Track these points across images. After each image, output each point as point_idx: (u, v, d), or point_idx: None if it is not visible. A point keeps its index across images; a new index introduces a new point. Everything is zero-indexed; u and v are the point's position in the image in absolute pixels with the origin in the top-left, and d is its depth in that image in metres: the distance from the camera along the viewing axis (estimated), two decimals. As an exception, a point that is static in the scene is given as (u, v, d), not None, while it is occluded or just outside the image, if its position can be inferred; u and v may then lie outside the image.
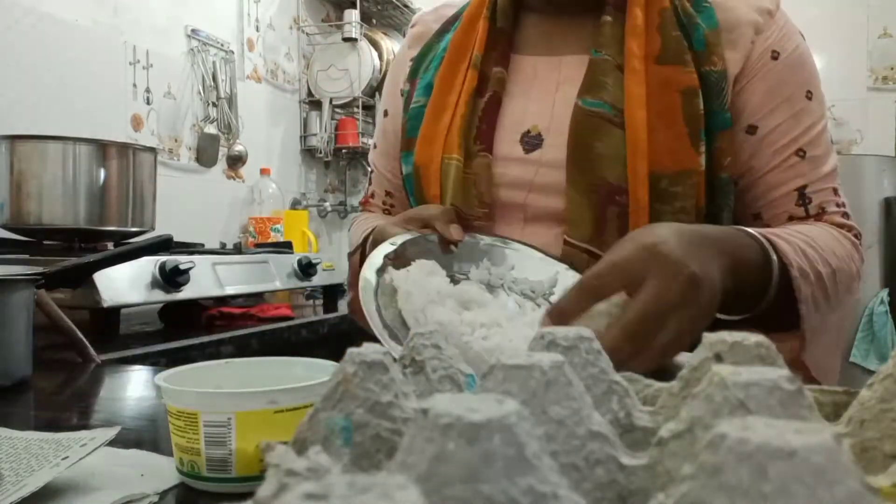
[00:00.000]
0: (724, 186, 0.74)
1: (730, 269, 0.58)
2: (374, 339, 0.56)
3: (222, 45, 2.22)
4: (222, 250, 1.74)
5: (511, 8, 0.83)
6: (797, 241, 0.67)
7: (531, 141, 0.77)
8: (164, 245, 1.04)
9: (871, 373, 0.32)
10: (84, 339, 0.88)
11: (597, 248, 0.71)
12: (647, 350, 0.50)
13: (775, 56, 0.75)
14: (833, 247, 0.70)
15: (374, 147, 0.99)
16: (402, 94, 0.91)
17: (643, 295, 0.50)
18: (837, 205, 0.77)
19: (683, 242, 0.53)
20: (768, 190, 0.76)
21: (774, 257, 0.64)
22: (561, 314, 0.53)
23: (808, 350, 0.68)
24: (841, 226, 0.76)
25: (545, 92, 0.79)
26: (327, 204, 2.78)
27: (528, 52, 0.83)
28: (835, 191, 0.77)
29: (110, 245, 1.40)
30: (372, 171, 1.01)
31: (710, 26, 0.73)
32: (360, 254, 0.81)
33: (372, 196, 1.00)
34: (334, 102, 2.67)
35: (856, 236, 0.76)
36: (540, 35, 0.83)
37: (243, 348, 1.22)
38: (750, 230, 0.65)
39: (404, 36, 3.02)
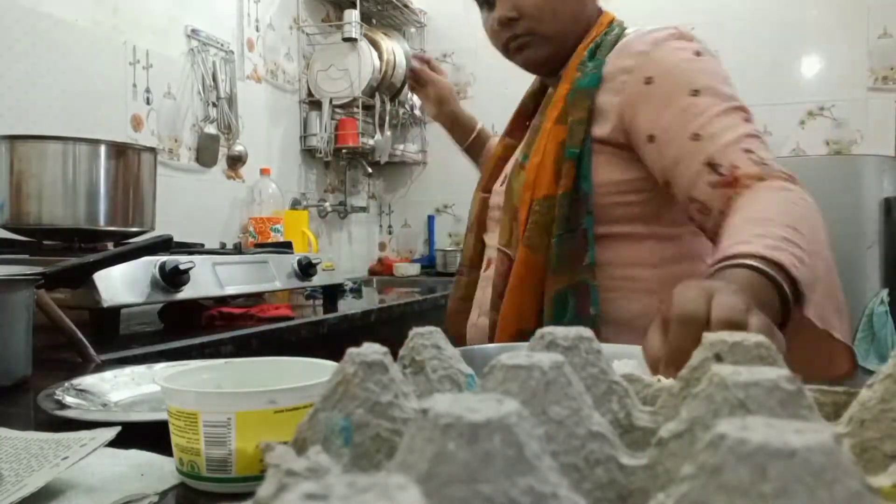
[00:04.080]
0: (584, 197, 0.95)
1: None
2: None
3: (222, 45, 2.22)
4: (222, 250, 1.73)
5: (539, 87, 1.17)
6: (750, 231, 0.70)
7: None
8: (164, 245, 1.04)
9: (871, 373, 0.32)
10: (84, 339, 0.88)
11: (506, 249, 1.01)
12: None
13: (649, 81, 0.90)
14: (778, 206, 0.75)
15: None
16: None
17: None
18: (751, 158, 0.82)
19: (731, 287, 0.58)
20: (683, 176, 0.86)
21: (778, 276, 0.65)
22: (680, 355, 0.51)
23: (811, 305, 0.69)
24: (762, 177, 0.80)
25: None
26: (327, 204, 2.78)
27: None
28: (745, 150, 0.83)
29: (110, 245, 1.40)
30: None
31: (586, 86, 0.96)
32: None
33: None
34: (334, 102, 2.67)
35: (788, 178, 0.80)
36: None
37: (243, 348, 1.22)
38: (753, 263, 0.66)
39: (404, 36, 3.04)
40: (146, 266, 1.18)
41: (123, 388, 0.69)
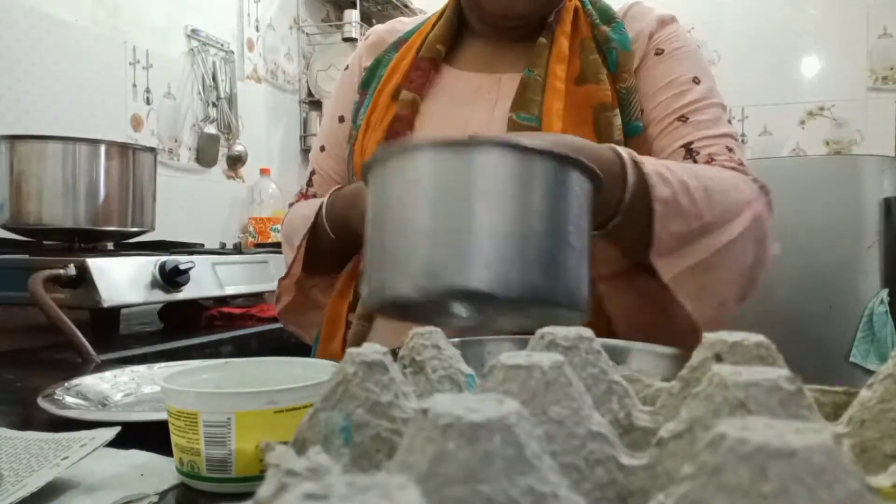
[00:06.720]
0: None
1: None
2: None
3: (222, 45, 2.22)
4: (222, 250, 1.73)
5: (449, 34, 0.92)
6: (662, 162, 0.69)
7: None
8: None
9: (871, 373, 0.32)
10: (84, 339, 0.88)
11: None
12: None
13: (659, 52, 0.86)
14: (712, 173, 0.72)
15: (322, 150, 0.99)
16: (353, 104, 0.95)
17: None
18: (730, 157, 0.79)
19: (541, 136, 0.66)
20: (657, 154, 0.81)
21: (630, 162, 0.64)
22: None
23: (663, 257, 0.66)
24: (734, 169, 0.77)
25: (487, 105, 0.86)
26: (327, 204, 2.78)
27: (470, 68, 0.91)
28: (727, 147, 0.80)
29: (110, 245, 1.40)
30: (314, 173, 1.00)
31: (624, 48, 0.84)
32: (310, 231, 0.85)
33: (314, 196, 0.99)
34: (334, 102, 2.66)
35: (761, 188, 0.77)
36: (481, 55, 0.92)
37: (243, 348, 1.22)
38: (617, 148, 0.66)
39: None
40: (146, 266, 1.18)
41: (123, 388, 0.69)
